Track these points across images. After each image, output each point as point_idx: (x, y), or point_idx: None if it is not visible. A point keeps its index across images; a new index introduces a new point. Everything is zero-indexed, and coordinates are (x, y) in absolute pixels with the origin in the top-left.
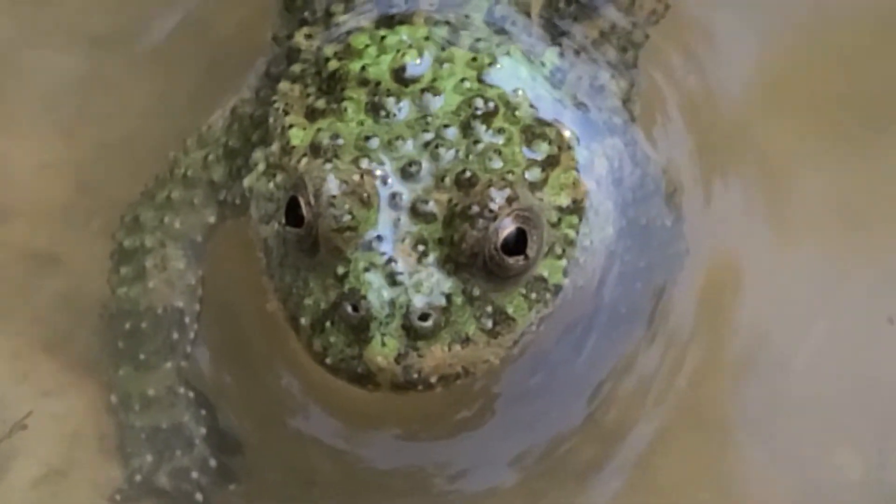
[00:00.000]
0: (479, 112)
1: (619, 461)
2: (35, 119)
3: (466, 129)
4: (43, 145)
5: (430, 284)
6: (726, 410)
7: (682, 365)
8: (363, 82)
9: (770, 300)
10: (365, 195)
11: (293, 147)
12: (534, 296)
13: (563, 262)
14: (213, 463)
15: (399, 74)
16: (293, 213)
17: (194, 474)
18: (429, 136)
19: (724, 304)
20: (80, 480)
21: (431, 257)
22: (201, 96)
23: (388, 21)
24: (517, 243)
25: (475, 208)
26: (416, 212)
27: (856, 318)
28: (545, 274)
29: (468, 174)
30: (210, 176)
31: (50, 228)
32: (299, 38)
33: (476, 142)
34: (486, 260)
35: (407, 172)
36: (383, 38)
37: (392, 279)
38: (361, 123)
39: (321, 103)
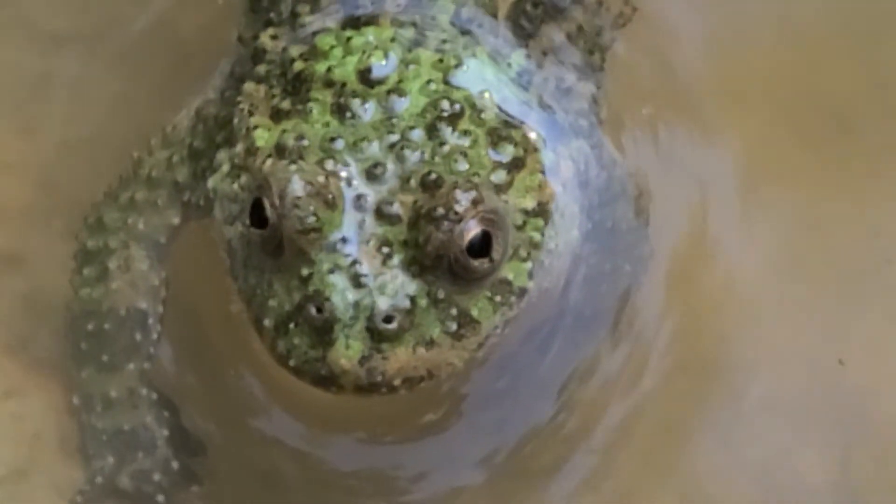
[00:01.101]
0: (444, 114)
1: (583, 462)
2: None
3: (432, 130)
4: (4, 145)
5: (394, 286)
6: (689, 413)
7: (645, 367)
8: (329, 83)
9: (734, 302)
10: (330, 197)
11: (258, 148)
12: (498, 298)
13: (529, 264)
14: (175, 465)
15: (365, 76)
16: (257, 215)
17: (156, 476)
18: (394, 137)
19: (688, 307)
20: (41, 482)
21: (396, 259)
22: (166, 96)
23: (354, 22)
24: (482, 246)
25: (440, 210)
26: (381, 213)
27: (820, 320)
28: (510, 277)
29: (433, 176)
30: (174, 177)
31: (11, 228)
32: (265, 39)
33: (442, 144)
34: (451, 262)
35: (372, 174)
36: (349, 39)
37: (356, 281)
38: (327, 125)
39: (286, 104)
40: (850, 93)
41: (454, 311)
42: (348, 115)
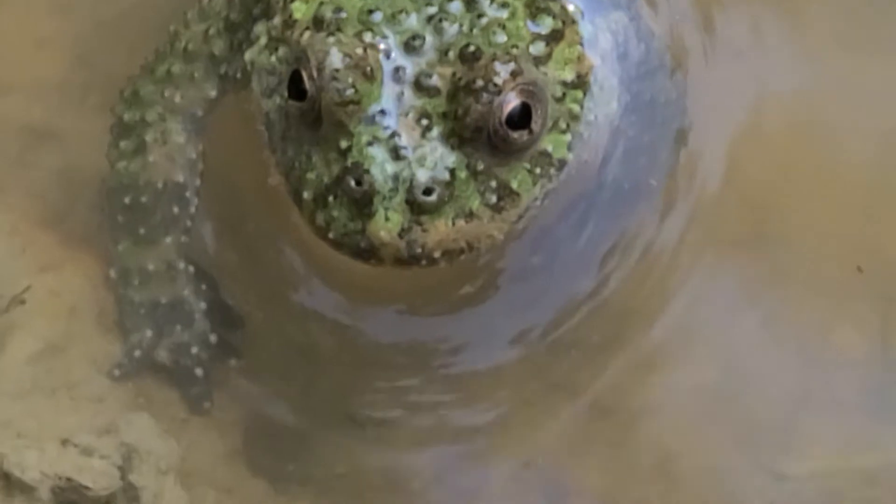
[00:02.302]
0: None
1: (621, 336)
2: None
3: (470, 2)
4: (39, 20)
5: (433, 159)
6: (729, 284)
7: (686, 241)
8: None
9: (780, 177)
10: (368, 69)
11: (296, 20)
12: (538, 171)
13: (568, 136)
14: (213, 338)
15: None
16: (296, 87)
17: (194, 349)
18: (432, 9)
19: (732, 180)
20: (78, 355)
21: (435, 131)
22: None
23: None
24: (521, 118)
25: (479, 82)
26: (419, 86)
27: (864, 184)
28: (549, 149)
29: (472, 48)
30: (211, 49)
31: (47, 104)
32: None
33: (480, 16)
34: (491, 134)
35: (410, 46)
36: None
37: (396, 153)
38: None
39: None
40: None
41: (494, 183)
42: None
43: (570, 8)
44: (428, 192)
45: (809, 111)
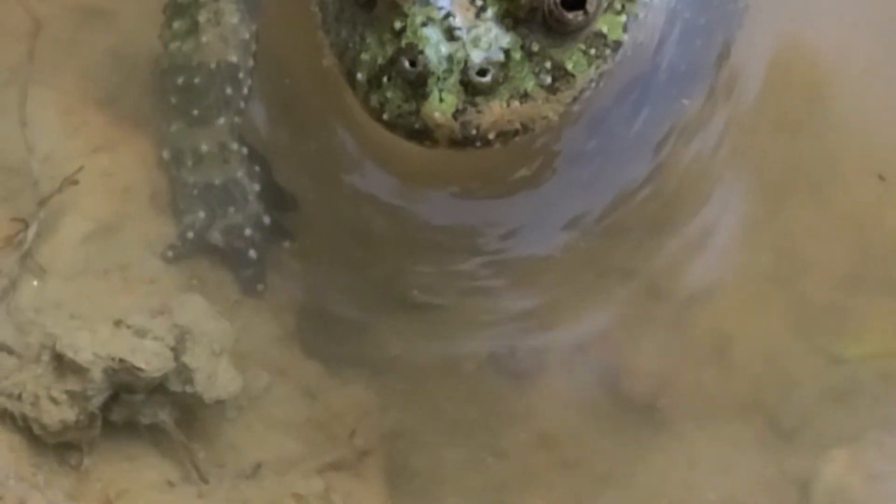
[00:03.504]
0: None
1: (674, 220)
2: None
3: None
4: None
5: (488, 39)
6: (781, 171)
7: (741, 126)
8: None
9: (830, 66)
10: None
11: None
12: (593, 51)
13: (623, 17)
14: (266, 220)
15: None
16: None
17: (248, 231)
18: None
19: (786, 67)
20: (132, 236)
21: (490, 12)
22: None
23: None
24: None
25: None
26: None
27: None
28: (605, 29)
29: None
30: None
31: None
32: None
33: None
34: (546, 15)
35: None
36: None
37: (450, 34)
38: None
39: None
40: None
41: (548, 64)
42: None
43: None
44: (482, 72)
45: None
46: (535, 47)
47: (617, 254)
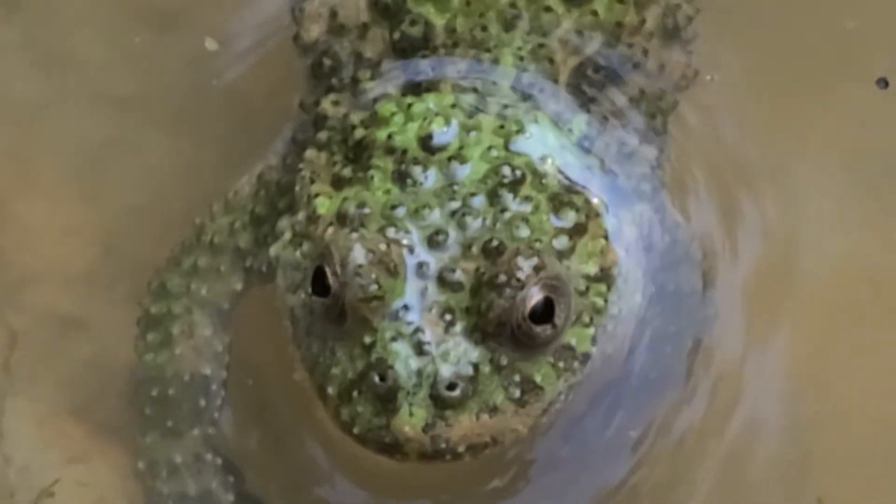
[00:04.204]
0: (506, 180)
1: None
2: (60, 183)
3: (493, 197)
4: (68, 209)
5: (457, 354)
6: (762, 473)
7: (722, 427)
8: (390, 150)
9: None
10: (392, 264)
11: (319, 216)
12: (562, 364)
13: (592, 330)
14: None
15: (426, 143)
16: (319, 283)
17: None
18: (456, 204)
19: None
20: None
21: (459, 326)
22: (228, 161)
23: (415, 88)
24: (545, 312)
25: (502, 277)
26: (443, 281)
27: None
28: (573, 342)
29: (495, 243)
30: (236, 243)
31: (75, 293)
32: (326, 105)
33: (503, 210)
34: (514, 329)
35: (434, 241)
36: (410, 105)
37: (419, 349)
38: (388, 192)
39: (347, 171)
40: None
41: (517, 378)
42: (409, 182)
43: (594, 201)
44: (452, 387)
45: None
46: (504, 361)
47: None
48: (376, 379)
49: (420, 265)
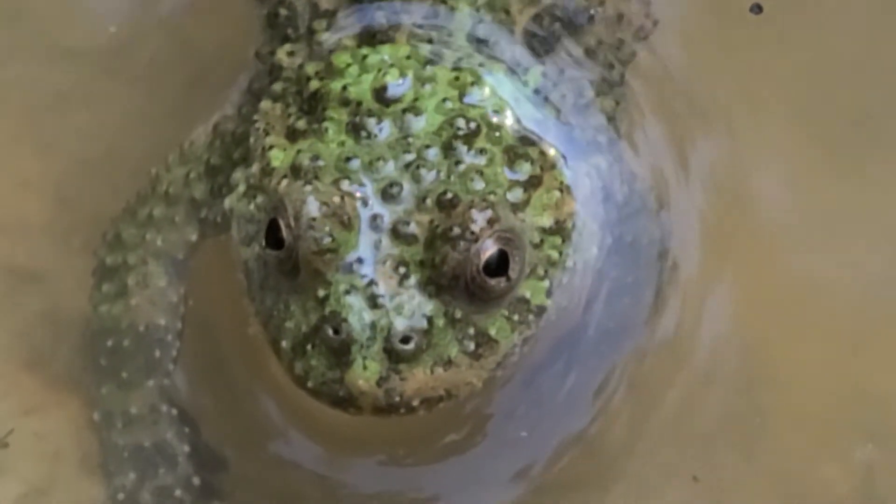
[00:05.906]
0: (460, 132)
1: (612, 474)
2: (14, 135)
3: (448, 149)
4: (22, 162)
5: (411, 307)
6: (714, 425)
7: (671, 379)
8: (344, 102)
9: (760, 306)
10: (345, 217)
11: (273, 168)
12: (516, 317)
13: (546, 283)
14: (196, 481)
15: (380, 94)
16: (273, 236)
17: (178, 492)
18: (410, 156)
19: (712, 316)
20: (62, 499)
21: (413, 279)
22: (183, 112)
23: (370, 39)
24: (499, 265)
25: (456, 230)
26: (397, 234)
27: (848, 340)
28: (528, 295)
29: (449, 195)
30: (191, 193)
31: (30, 245)
32: (281, 55)
33: (458, 162)
34: (468, 282)
35: (388, 194)
36: (365, 57)
37: (373, 302)
38: (342, 144)
39: (302, 123)
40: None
41: (472, 331)
42: (364, 134)
43: (550, 153)
44: (405, 340)
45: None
46: (459, 314)
47: None
48: (330, 332)
49: (374, 218)
